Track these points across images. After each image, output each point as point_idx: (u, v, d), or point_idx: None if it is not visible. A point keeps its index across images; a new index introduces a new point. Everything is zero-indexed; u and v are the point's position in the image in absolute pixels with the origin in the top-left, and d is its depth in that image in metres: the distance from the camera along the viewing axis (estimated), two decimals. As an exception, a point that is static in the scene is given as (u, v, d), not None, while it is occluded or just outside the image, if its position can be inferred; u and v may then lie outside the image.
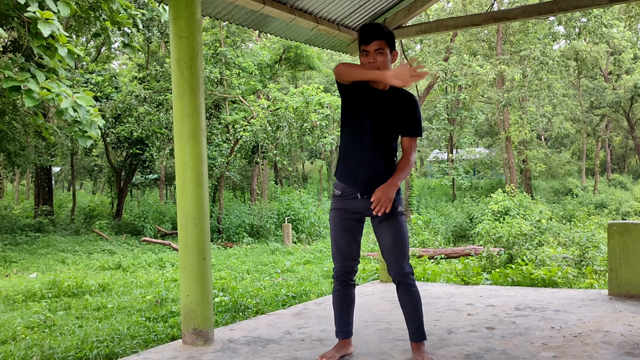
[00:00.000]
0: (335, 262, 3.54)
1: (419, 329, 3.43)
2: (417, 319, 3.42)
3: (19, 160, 18.73)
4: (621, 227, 5.39)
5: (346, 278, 3.55)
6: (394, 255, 3.38)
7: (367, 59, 3.32)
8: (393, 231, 3.39)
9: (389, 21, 6.30)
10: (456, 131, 32.27)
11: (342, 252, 3.48)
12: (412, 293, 3.41)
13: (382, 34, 3.31)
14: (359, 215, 3.46)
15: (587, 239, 11.65)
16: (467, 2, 26.77)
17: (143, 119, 18.63)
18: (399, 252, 3.38)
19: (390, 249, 3.39)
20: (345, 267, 3.52)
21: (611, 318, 4.50)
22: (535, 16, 5.98)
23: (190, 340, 4.01)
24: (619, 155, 46.96)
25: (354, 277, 3.58)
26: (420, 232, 16.09)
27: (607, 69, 35.42)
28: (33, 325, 6.40)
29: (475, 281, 7.41)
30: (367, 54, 3.32)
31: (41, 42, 4.71)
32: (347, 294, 3.57)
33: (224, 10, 5.28)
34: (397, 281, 3.42)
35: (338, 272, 3.55)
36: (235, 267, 11.90)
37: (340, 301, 3.57)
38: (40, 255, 14.13)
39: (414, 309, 3.42)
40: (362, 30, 3.35)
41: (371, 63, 3.30)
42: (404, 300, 3.42)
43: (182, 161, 4.03)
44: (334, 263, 3.55)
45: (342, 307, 3.58)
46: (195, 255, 4.02)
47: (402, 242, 3.39)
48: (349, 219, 3.46)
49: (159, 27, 18.24)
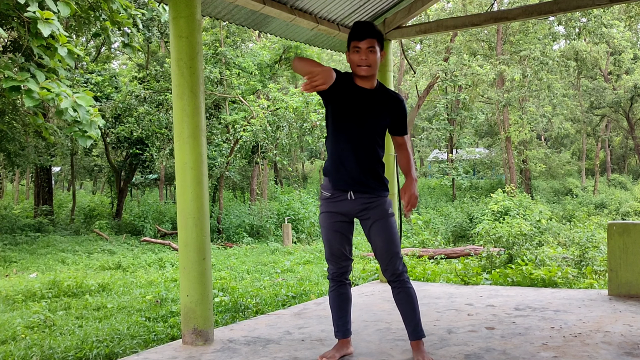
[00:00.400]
0: (329, 264, 3.54)
1: (417, 327, 3.43)
2: (415, 317, 3.42)
3: (18, 160, 18.73)
4: (621, 227, 5.39)
5: (341, 278, 3.55)
6: (388, 256, 3.39)
7: (359, 56, 3.29)
8: (385, 233, 3.39)
9: (388, 21, 6.31)
10: (456, 131, 32.27)
11: (335, 254, 3.48)
12: (408, 290, 3.41)
13: (374, 32, 3.31)
14: (349, 217, 3.46)
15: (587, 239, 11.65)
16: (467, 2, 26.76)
17: (143, 119, 18.62)
18: (392, 253, 3.38)
19: (384, 251, 3.39)
20: (339, 268, 3.52)
21: (611, 318, 4.50)
22: (535, 16, 5.98)
23: (190, 340, 4.01)
24: (619, 156, 46.95)
25: (348, 276, 3.59)
26: (420, 232, 16.09)
27: (607, 69, 35.42)
28: (33, 325, 6.40)
29: (475, 281, 7.41)
30: (359, 51, 3.29)
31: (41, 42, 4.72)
32: (343, 293, 3.56)
33: (224, 10, 5.28)
34: (393, 280, 3.42)
35: (333, 273, 3.55)
36: (235, 267, 11.90)
37: (337, 301, 3.57)
38: (40, 255, 14.13)
39: (411, 307, 3.42)
40: (356, 27, 3.32)
41: (362, 59, 3.29)
42: (400, 299, 3.43)
43: (182, 161, 4.03)
44: (328, 264, 3.55)
45: (339, 307, 3.57)
46: (195, 255, 4.02)
47: (395, 243, 3.40)
48: (339, 222, 3.45)
49: (159, 27, 18.24)
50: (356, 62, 3.31)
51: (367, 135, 3.36)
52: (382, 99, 3.39)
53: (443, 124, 30.74)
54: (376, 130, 3.38)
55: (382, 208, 3.39)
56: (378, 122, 3.38)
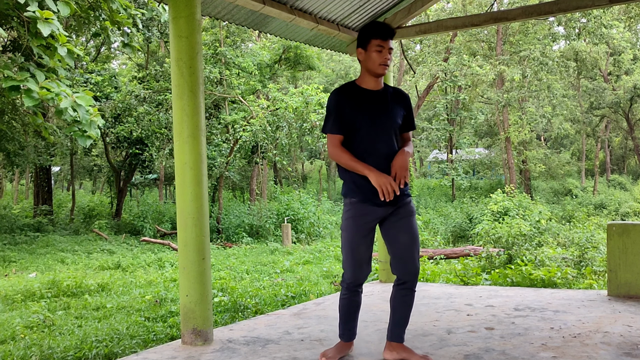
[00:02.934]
0: (349, 272, 3.41)
1: (402, 332, 3.46)
2: (405, 323, 3.46)
3: (18, 160, 18.74)
4: (620, 228, 5.39)
5: (357, 288, 3.48)
6: (412, 253, 3.35)
7: (383, 55, 3.26)
8: (412, 230, 3.37)
9: (388, 21, 6.30)
10: (456, 131, 32.28)
11: (360, 261, 3.38)
12: (411, 297, 3.42)
13: (394, 33, 3.33)
14: (378, 219, 3.37)
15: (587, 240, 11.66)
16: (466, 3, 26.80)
17: (143, 118, 18.62)
18: (416, 250, 3.37)
19: (408, 247, 3.35)
20: (358, 279, 3.42)
21: (610, 319, 4.50)
22: (535, 17, 5.98)
23: (190, 340, 4.01)
24: (619, 156, 46.97)
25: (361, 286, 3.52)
26: (420, 233, 16.08)
27: (607, 69, 35.44)
28: (32, 325, 6.40)
29: (474, 281, 7.42)
30: (382, 50, 3.26)
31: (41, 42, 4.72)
32: (356, 301, 3.51)
33: (223, 10, 5.27)
34: (406, 280, 3.37)
35: (350, 283, 3.43)
36: (235, 267, 11.90)
37: (348, 307, 3.51)
38: (39, 255, 14.13)
39: (406, 313, 3.43)
40: (380, 26, 3.28)
41: (387, 59, 3.27)
42: (400, 302, 3.41)
43: (182, 161, 4.03)
44: (347, 272, 3.42)
45: (349, 313, 3.53)
46: (194, 255, 4.02)
47: (418, 242, 3.39)
48: (368, 226, 3.36)
49: (158, 27, 18.23)
50: (379, 61, 3.26)
51: (388, 135, 3.32)
52: (393, 97, 3.38)
53: (443, 124, 30.76)
54: (394, 129, 3.35)
55: (409, 206, 3.38)
56: (395, 120, 3.34)
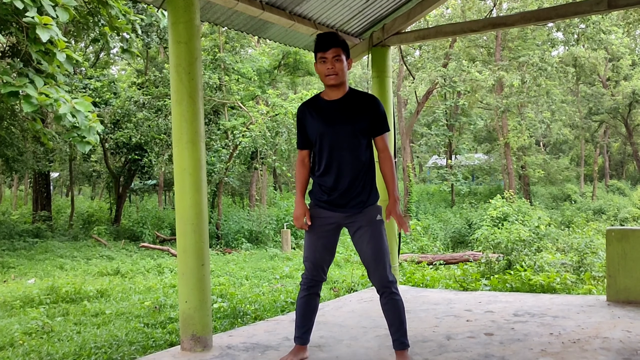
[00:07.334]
0: (306, 270, 3.53)
1: (403, 337, 3.44)
2: (401, 328, 3.43)
3: (17, 166, 18.73)
4: (619, 233, 5.39)
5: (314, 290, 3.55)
6: (376, 264, 3.37)
7: (325, 66, 3.32)
8: (374, 240, 3.36)
9: (387, 27, 6.31)
10: (455, 137, 32.32)
11: (315, 260, 3.48)
12: (395, 302, 3.40)
13: (338, 41, 3.34)
14: (335, 224, 3.44)
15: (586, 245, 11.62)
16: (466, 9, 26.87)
17: (142, 124, 18.64)
18: (380, 262, 3.36)
19: (372, 259, 3.37)
20: (314, 276, 3.52)
21: (610, 324, 4.50)
22: (534, 22, 6.00)
23: (189, 347, 4.00)
24: (617, 162, 47.00)
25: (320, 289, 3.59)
26: (419, 238, 16.09)
27: (606, 75, 35.48)
28: (31, 332, 6.37)
29: (474, 287, 7.40)
30: (325, 61, 3.31)
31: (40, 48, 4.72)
32: (311, 304, 3.58)
33: (223, 16, 5.29)
34: (381, 291, 3.41)
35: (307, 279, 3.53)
36: (234, 273, 11.88)
37: (303, 309, 3.58)
38: (38, 261, 14.09)
39: (398, 318, 3.42)
40: (319, 38, 3.35)
41: (329, 69, 3.31)
42: (387, 309, 3.42)
43: (181, 167, 4.03)
44: (305, 270, 3.54)
45: (304, 314, 3.59)
46: (193, 261, 4.01)
47: (383, 251, 3.37)
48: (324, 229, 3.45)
49: (157, 33, 18.27)
50: (324, 72, 3.33)
51: (350, 142, 3.34)
52: (353, 103, 3.39)
53: (442, 130, 30.79)
54: (357, 135, 3.35)
55: (369, 214, 3.38)
56: (353, 127, 3.34)
